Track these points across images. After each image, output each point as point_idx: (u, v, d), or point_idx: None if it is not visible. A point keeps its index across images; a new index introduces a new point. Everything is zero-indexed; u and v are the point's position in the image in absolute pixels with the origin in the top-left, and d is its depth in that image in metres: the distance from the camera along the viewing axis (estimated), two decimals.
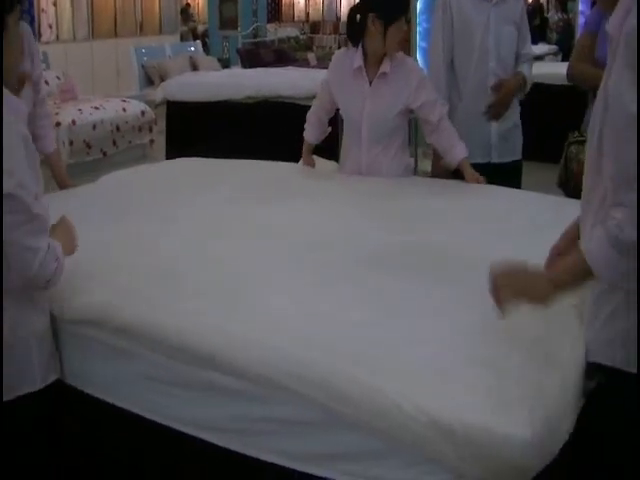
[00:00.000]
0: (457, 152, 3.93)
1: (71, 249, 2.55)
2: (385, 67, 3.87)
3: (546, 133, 6.71)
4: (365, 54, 3.92)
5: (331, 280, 2.60)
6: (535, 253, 2.66)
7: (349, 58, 3.96)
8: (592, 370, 2.04)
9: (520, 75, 4.41)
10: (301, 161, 4.36)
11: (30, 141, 2.32)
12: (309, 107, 4.27)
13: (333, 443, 2.04)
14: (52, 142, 4.03)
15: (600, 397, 2.01)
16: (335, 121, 4.38)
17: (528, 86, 4.46)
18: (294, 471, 2.14)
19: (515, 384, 1.92)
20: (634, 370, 1.91)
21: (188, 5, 22.25)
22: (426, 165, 7.31)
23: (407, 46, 7.10)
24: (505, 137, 4.41)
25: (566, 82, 4.40)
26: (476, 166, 4.11)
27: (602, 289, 1.98)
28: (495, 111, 4.35)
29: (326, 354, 2.08)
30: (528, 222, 3.16)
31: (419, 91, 3.86)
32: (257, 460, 2.19)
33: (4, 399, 2.30)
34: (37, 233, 2.29)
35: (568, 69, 4.26)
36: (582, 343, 2.09)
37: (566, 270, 2.02)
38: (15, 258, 2.26)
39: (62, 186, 4.01)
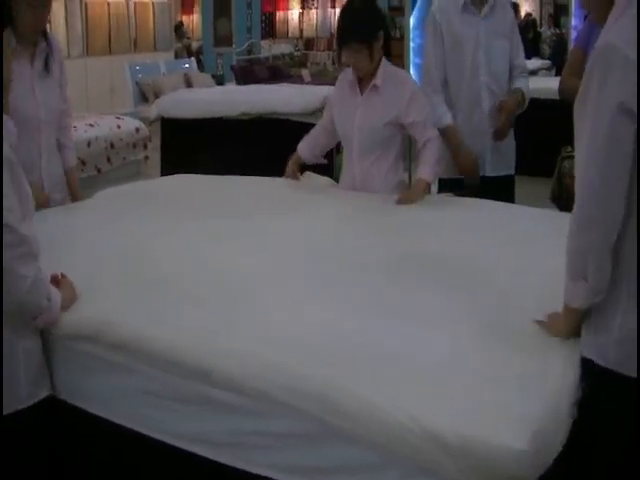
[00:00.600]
0: (422, 171, 3.91)
1: (68, 304, 2.55)
2: (377, 80, 3.88)
3: (539, 147, 6.71)
4: None
5: (328, 292, 2.62)
6: (531, 262, 2.70)
7: (349, 75, 4.01)
8: (583, 373, 2.08)
9: (518, 92, 4.41)
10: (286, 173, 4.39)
11: (15, 163, 2.34)
12: (303, 123, 4.34)
13: (329, 456, 2.04)
14: (74, 155, 4.17)
15: (592, 400, 2.03)
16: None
17: (527, 101, 4.47)
18: None
19: (510, 396, 1.93)
20: (627, 372, 1.95)
21: (182, 23, 22.30)
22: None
23: (401, 62, 7.13)
24: (499, 151, 4.41)
25: (559, 97, 4.42)
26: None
27: None
28: (501, 133, 4.36)
29: (322, 367, 2.09)
30: (522, 233, 3.18)
31: (411, 107, 3.86)
32: (252, 474, 2.19)
33: None
34: (26, 258, 2.31)
35: (560, 84, 4.28)
36: (576, 355, 2.12)
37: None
38: (4, 282, 2.27)
39: (75, 200, 4.10)
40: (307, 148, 4.37)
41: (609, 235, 1.95)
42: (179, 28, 18.56)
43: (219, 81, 14.96)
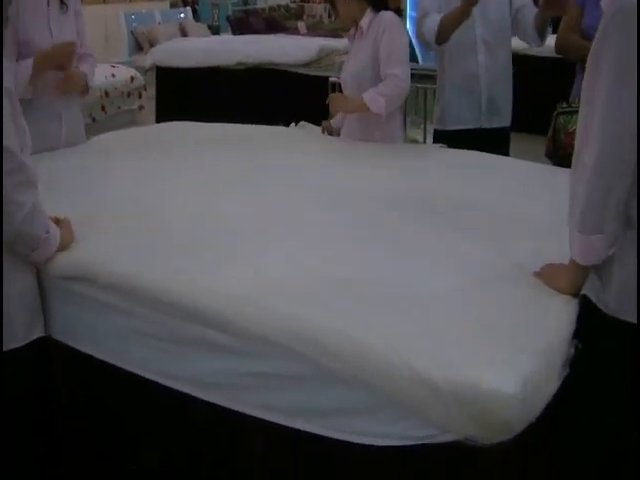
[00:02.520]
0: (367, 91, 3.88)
1: (65, 245, 2.57)
2: (363, 22, 3.96)
3: (534, 105, 6.71)
4: None
5: (323, 236, 2.64)
6: (527, 214, 2.73)
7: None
8: (582, 317, 2.11)
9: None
10: (291, 127, 4.38)
11: (15, 95, 2.34)
12: (298, 74, 4.32)
13: (322, 398, 2.06)
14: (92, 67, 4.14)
15: (590, 346, 2.05)
16: (325, 87, 4.41)
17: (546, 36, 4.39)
18: (281, 426, 2.16)
19: (502, 343, 1.95)
20: (626, 318, 1.97)
21: None
22: (415, 134, 7.36)
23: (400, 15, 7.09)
24: (494, 104, 4.41)
25: (555, 54, 4.41)
26: (467, 131, 4.17)
27: None
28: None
29: (317, 310, 2.11)
30: (517, 185, 3.22)
31: (381, 41, 3.89)
32: (245, 415, 2.21)
33: None
34: (24, 186, 2.32)
35: (556, 41, 4.28)
36: (570, 308, 2.15)
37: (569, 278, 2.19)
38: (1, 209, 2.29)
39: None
40: None
41: (628, 178, 1.95)
42: None
43: (215, 31, 14.91)
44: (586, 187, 1.98)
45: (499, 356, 1.91)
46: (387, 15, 3.94)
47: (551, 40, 4.46)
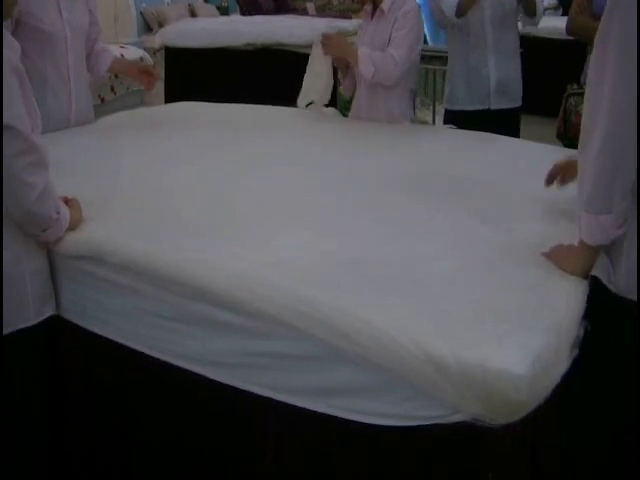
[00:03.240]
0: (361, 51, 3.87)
1: (75, 225, 2.58)
2: (383, 4, 3.94)
3: (545, 87, 6.69)
4: None
5: (333, 219, 2.64)
6: (536, 194, 2.72)
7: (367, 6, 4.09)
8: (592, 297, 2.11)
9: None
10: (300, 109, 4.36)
11: (24, 75, 2.34)
12: (307, 55, 4.26)
13: (331, 378, 2.06)
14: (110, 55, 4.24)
15: (599, 327, 2.05)
16: (334, 69, 4.38)
17: (539, 14, 4.48)
18: (290, 406, 2.16)
19: (511, 324, 1.95)
20: (636, 298, 1.97)
21: None
22: (424, 115, 7.34)
23: None
24: (504, 84, 4.42)
25: (565, 36, 4.40)
26: (475, 112, 4.17)
27: None
28: None
29: (327, 290, 2.11)
30: (526, 166, 3.21)
31: (396, 23, 3.88)
32: (255, 395, 2.21)
33: None
34: (36, 167, 2.32)
35: (567, 22, 4.27)
36: (580, 289, 2.14)
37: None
38: (12, 190, 2.30)
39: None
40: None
41: (636, 157, 1.93)
42: None
43: (224, 12, 14.84)
44: (593, 167, 1.97)
45: (508, 336, 1.90)
46: (410, 2, 3.93)
47: (562, 22, 4.45)
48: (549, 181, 2.72)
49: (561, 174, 2.67)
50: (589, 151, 1.99)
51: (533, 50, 4.60)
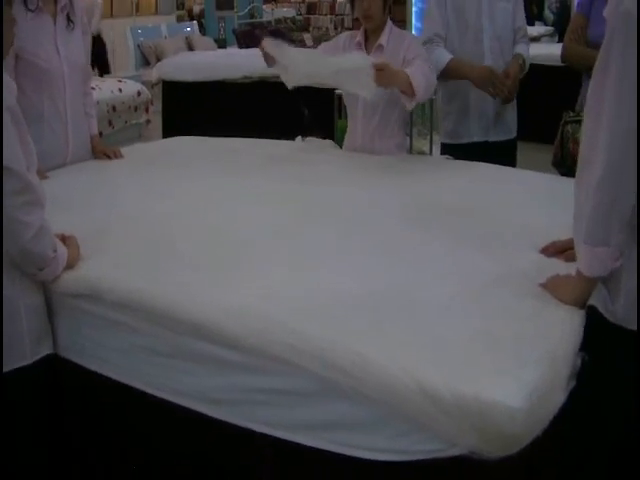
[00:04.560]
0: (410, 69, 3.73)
1: (72, 264, 2.57)
2: (382, 39, 3.94)
3: (541, 114, 6.72)
4: (365, 30, 4.01)
5: (327, 251, 2.63)
6: (532, 225, 2.72)
7: (353, 36, 4.07)
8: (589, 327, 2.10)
9: (519, 57, 4.41)
10: (297, 141, 4.35)
11: (20, 114, 2.36)
12: (305, 88, 4.23)
13: (327, 412, 2.06)
14: (96, 123, 4.22)
15: (597, 358, 2.04)
16: (331, 101, 4.40)
17: (527, 66, 4.48)
18: (286, 441, 2.15)
19: (507, 354, 1.95)
20: (634, 327, 1.96)
21: None
22: (421, 144, 7.36)
23: (403, 27, 7.13)
24: (501, 116, 4.43)
25: (560, 63, 4.42)
26: (474, 144, 4.19)
27: None
28: (509, 97, 4.38)
29: (321, 324, 2.11)
30: (523, 195, 3.21)
31: (407, 54, 3.87)
32: (250, 431, 2.21)
33: None
34: (31, 206, 2.33)
35: (562, 50, 4.29)
36: (576, 319, 2.14)
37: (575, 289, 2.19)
38: (8, 229, 2.31)
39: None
40: None
41: (634, 190, 1.92)
42: None
43: (221, 45, 14.93)
44: (592, 199, 1.97)
45: (504, 368, 1.90)
46: (410, 34, 3.99)
47: (557, 49, 4.48)
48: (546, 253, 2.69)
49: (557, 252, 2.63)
50: (587, 182, 1.99)
51: (528, 76, 4.59)
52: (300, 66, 3.78)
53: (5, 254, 2.37)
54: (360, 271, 2.46)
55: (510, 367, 1.90)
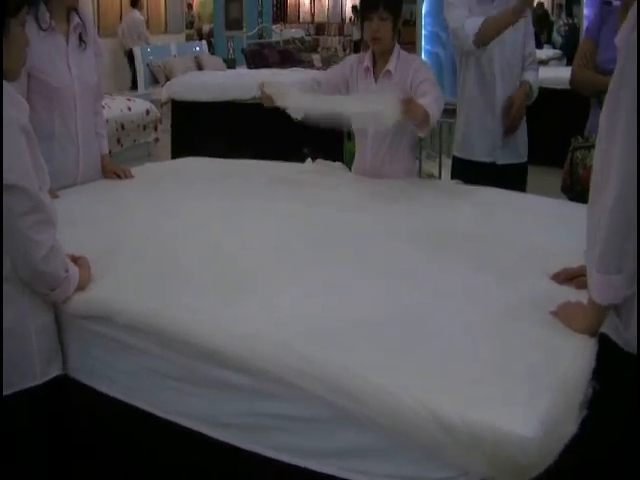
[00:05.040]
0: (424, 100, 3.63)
1: (83, 285, 2.58)
2: (390, 65, 3.93)
3: (550, 137, 6.71)
4: (373, 53, 4.00)
5: (338, 276, 2.63)
6: (542, 252, 2.72)
7: (364, 60, 4.04)
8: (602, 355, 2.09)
9: (526, 84, 4.43)
10: (307, 163, 4.34)
11: (32, 134, 2.36)
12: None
13: (336, 439, 2.05)
14: (106, 143, 4.21)
15: (609, 386, 2.03)
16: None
17: (535, 93, 4.48)
18: (297, 468, 2.15)
19: (518, 383, 1.94)
20: None
21: (190, 6, 22.13)
22: (430, 167, 7.36)
23: (412, 49, 7.15)
24: (511, 140, 4.45)
25: (569, 86, 4.43)
26: (481, 165, 4.19)
27: None
28: (512, 128, 4.40)
29: (333, 351, 2.10)
30: (533, 221, 3.20)
31: (414, 80, 3.85)
32: (261, 456, 2.20)
33: (3, 393, 2.32)
34: (43, 225, 2.34)
35: (571, 75, 4.30)
36: (588, 348, 2.13)
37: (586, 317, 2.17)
38: (19, 249, 2.32)
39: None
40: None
41: None
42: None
43: (230, 64, 14.98)
44: (605, 227, 1.97)
45: (516, 396, 1.90)
46: (417, 58, 4.00)
47: (566, 72, 4.49)
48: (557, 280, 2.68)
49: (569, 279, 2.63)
50: (600, 210, 1.99)
51: (537, 100, 4.59)
52: (305, 104, 3.79)
53: (16, 274, 2.37)
54: (372, 297, 2.46)
55: (522, 396, 1.89)
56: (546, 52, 12.22)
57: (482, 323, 2.27)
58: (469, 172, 4.25)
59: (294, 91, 3.95)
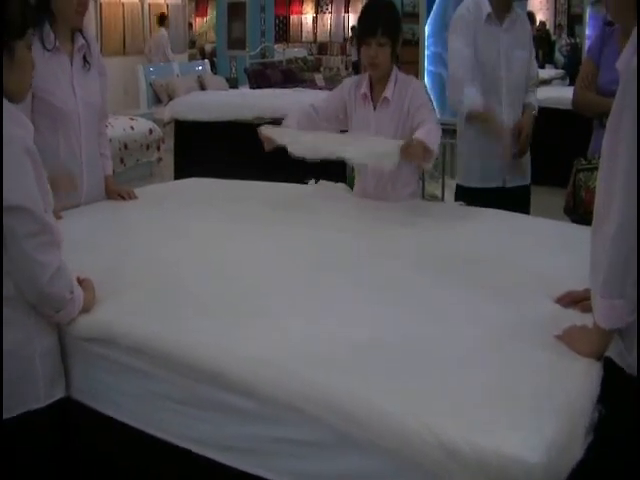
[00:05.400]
0: (417, 134, 3.56)
1: (88, 307, 2.57)
2: (387, 92, 3.87)
3: (552, 157, 6.72)
4: (370, 78, 3.95)
5: (343, 300, 2.62)
6: (547, 276, 2.71)
7: (361, 87, 3.98)
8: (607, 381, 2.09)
9: (532, 108, 4.48)
10: (310, 185, 4.33)
11: (37, 155, 2.36)
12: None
13: (343, 464, 2.04)
14: (111, 164, 4.21)
15: (615, 412, 2.03)
16: None
17: (536, 113, 4.51)
18: None
19: (524, 407, 1.93)
20: None
21: (191, 25, 22.22)
22: (433, 188, 7.36)
23: (415, 69, 7.15)
24: (516, 163, 4.45)
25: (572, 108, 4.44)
26: (489, 190, 4.20)
27: None
28: (522, 152, 4.42)
29: (337, 375, 2.10)
30: (536, 244, 3.19)
31: (411, 105, 3.81)
32: (259, 478, 2.19)
33: (7, 416, 2.32)
34: (48, 247, 2.34)
35: (573, 97, 4.32)
36: (594, 372, 2.13)
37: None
38: (25, 271, 2.32)
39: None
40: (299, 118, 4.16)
41: None
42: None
43: (232, 84, 15.01)
44: (609, 254, 1.98)
45: (522, 421, 1.89)
46: (414, 80, 3.93)
47: (568, 92, 4.51)
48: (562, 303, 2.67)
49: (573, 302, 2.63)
50: (604, 236, 2.00)
51: (539, 120, 4.61)
52: (304, 143, 3.77)
53: (22, 296, 2.37)
54: (376, 321, 2.45)
55: (528, 420, 1.88)
56: (548, 72, 12.28)
57: (488, 347, 2.26)
58: (474, 197, 4.24)
59: (292, 130, 3.93)
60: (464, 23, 4.37)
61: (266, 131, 3.91)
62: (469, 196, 4.20)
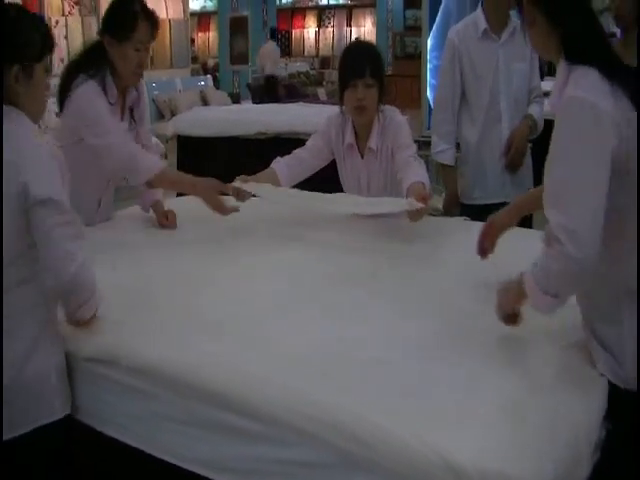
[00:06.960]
0: (413, 177, 3.53)
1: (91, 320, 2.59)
2: (371, 142, 3.77)
3: None
4: (354, 125, 3.85)
5: (347, 320, 2.60)
6: None
7: (343, 130, 3.89)
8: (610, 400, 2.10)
9: (528, 118, 4.43)
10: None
11: (64, 165, 2.43)
12: None
13: None
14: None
15: (618, 430, 2.04)
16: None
17: (539, 126, 4.48)
18: None
19: (530, 430, 1.92)
20: None
21: (192, 40, 22.32)
22: (436, 201, 7.32)
23: (417, 82, 7.14)
24: (517, 176, 4.45)
25: None
26: (492, 206, 4.16)
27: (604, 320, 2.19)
28: (513, 164, 4.40)
29: (340, 395, 2.08)
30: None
31: (401, 151, 3.69)
32: None
33: (21, 432, 2.37)
34: (76, 239, 2.40)
35: None
36: (599, 388, 2.12)
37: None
38: (56, 260, 2.37)
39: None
40: (289, 174, 4.00)
41: (596, 255, 2.02)
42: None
43: (235, 99, 15.07)
44: (558, 266, 2.08)
45: (527, 442, 1.88)
46: (394, 117, 3.79)
47: None
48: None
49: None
50: (555, 248, 2.10)
51: (544, 131, 4.60)
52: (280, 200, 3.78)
53: (34, 307, 2.41)
54: (382, 341, 2.44)
55: (534, 441, 1.88)
56: (549, 84, 12.24)
57: (494, 367, 2.25)
58: (478, 213, 4.22)
59: (269, 186, 3.82)
60: (450, 48, 4.45)
61: (243, 185, 3.83)
62: (473, 213, 4.18)
